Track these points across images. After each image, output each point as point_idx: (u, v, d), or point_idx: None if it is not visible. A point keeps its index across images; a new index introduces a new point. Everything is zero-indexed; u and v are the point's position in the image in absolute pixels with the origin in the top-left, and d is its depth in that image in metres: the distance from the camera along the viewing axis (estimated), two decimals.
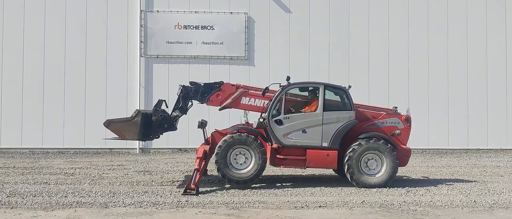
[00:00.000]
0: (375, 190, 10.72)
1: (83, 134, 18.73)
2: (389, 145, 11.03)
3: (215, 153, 10.94)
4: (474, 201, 9.77)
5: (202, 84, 11.65)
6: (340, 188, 10.97)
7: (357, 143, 10.98)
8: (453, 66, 20.01)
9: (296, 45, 19.62)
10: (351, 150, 10.93)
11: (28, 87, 18.82)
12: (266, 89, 11.48)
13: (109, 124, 11.31)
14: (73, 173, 13.19)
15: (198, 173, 10.50)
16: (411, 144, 11.85)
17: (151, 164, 15.09)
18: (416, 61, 19.92)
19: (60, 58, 18.95)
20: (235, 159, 10.94)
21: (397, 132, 11.45)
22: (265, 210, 8.90)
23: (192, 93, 11.57)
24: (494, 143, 19.97)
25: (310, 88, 11.73)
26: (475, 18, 20.11)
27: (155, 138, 11.95)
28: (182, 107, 11.61)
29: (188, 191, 10.22)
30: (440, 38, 20.00)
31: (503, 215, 8.76)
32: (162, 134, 11.83)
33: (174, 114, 11.59)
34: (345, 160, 10.93)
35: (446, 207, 9.31)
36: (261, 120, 11.23)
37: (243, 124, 11.64)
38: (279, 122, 11.08)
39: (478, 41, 20.09)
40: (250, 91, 11.67)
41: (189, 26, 19.32)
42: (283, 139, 11.05)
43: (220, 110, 11.79)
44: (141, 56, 19.16)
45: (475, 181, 12.25)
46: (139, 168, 14.26)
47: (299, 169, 12.20)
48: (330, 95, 11.46)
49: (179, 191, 10.43)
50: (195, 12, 19.33)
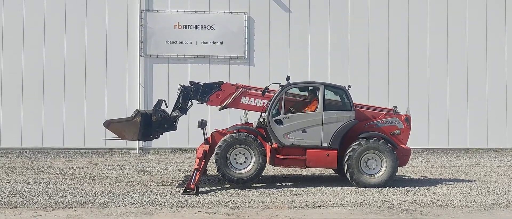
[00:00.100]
0: (375, 189, 10.72)
1: (83, 134, 18.74)
2: (389, 144, 11.03)
3: (215, 152, 10.94)
4: (474, 200, 9.77)
5: (202, 84, 11.65)
6: (340, 187, 10.97)
7: (357, 142, 10.97)
8: (453, 66, 20.02)
9: (296, 45, 19.62)
10: (351, 149, 10.93)
11: (28, 87, 18.83)
12: (266, 89, 11.47)
13: (109, 124, 11.31)
14: (73, 173, 13.19)
15: (198, 173, 10.49)
16: (411, 143, 11.84)
17: (151, 164, 15.09)
18: (416, 61, 19.92)
19: (60, 58, 18.96)
20: (235, 159, 10.93)
21: (397, 131, 11.45)
22: (265, 210, 8.89)
23: (192, 93, 11.56)
24: (494, 142, 19.98)
25: (310, 88, 11.72)
26: (475, 18, 20.12)
27: (155, 138, 11.94)
28: (182, 107, 11.60)
29: (188, 191, 10.21)
30: (440, 38, 20.01)
31: (503, 215, 8.76)
32: (162, 134, 11.82)
33: (174, 114, 11.59)
34: (345, 159, 10.92)
35: (446, 206, 9.31)
36: (261, 120, 11.23)
37: (243, 124, 11.62)
38: (279, 122, 11.07)
39: (478, 41, 20.10)
40: (250, 91, 11.66)
41: (189, 26, 19.32)
42: (283, 139, 11.05)
43: (220, 110, 11.78)
44: (141, 56, 19.17)
45: (475, 181, 12.25)
46: (139, 168, 14.25)
47: (299, 168, 12.21)
48: (330, 95, 11.45)
49: (179, 191, 10.43)
50: (195, 12, 19.33)
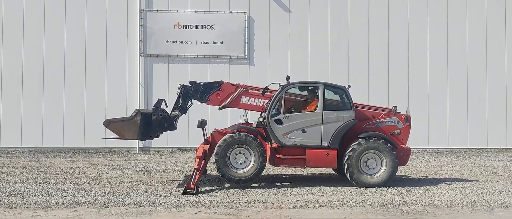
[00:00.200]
0: (374, 189, 10.72)
1: (82, 133, 18.75)
2: (388, 144, 11.02)
3: (214, 152, 10.94)
4: (474, 200, 9.77)
5: (201, 84, 11.64)
6: (340, 187, 10.97)
7: (356, 142, 10.97)
8: (452, 66, 20.02)
9: (296, 44, 19.62)
10: (350, 149, 10.93)
11: (28, 86, 18.83)
12: (266, 88, 11.46)
13: (108, 123, 11.31)
14: (72, 172, 13.19)
15: (198, 173, 10.49)
16: (410, 143, 11.84)
17: (150, 164, 15.09)
18: (416, 61, 19.93)
19: (60, 57, 18.96)
20: (234, 158, 10.93)
21: (396, 131, 11.45)
22: (264, 210, 8.89)
23: (192, 92, 11.55)
24: (493, 142, 19.98)
25: (310, 88, 11.71)
26: (475, 18, 20.12)
27: (154, 138, 11.93)
28: (181, 106, 11.59)
29: (188, 190, 10.21)
30: (440, 38, 20.01)
31: (502, 215, 8.76)
32: (161, 133, 11.82)
33: (173, 113, 11.58)
34: (345, 159, 10.92)
35: (446, 206, 9.31)
36: (261, 119, 11.23)
37: (242, 124, 11.62)
38: (279, 122, 11.07)
39: (478, 41, 20.10)
40: (249, 91, 11.65)
41: (188, 25, 19.32)
42: (282, 138, 11.05)
43: (219, 109, 11.78)
44: (141, 55, 19.17)
45: (474, 181, 12.25)
46: (139, 167, 14.25)
47: (298, 168, 12.22)
48: (330, 95, 11.45)
49: (178, 191, 10.43)
50: (195, 11, 19.33)
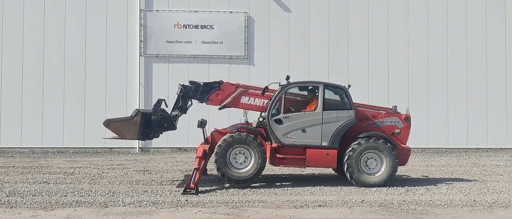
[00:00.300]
0: (374, 189, 10.72)
1: (82, 133, 18.74)
2: (388, 144, 11.03)
3: (214, 152, 10.94)
4: (474, 200, 9.77)
5: (201, 84, 11.64)
6: (340, 187, 10.97)
7: (356, 142, 10.97)
8: (452, 66, 20.02)
9: (295, 44, 19.62)
10: (350, 149, 10.93)
11: (28, 86, 18.82)
12: (266, 88, 11.46)
13: (108, 123, 11.31)
14: (72, 172, 13.19)
15: (198, 173, 10.49)
16: (410, 143, 11.85)
17: (150, 164, 15.09)
18: (416, 61, 19.93)
19: (60, 57, 18.95)
20: (234, 158, 10.93)
21: (396, 131, 11.45)
22: (264, 209, 8.90)
23: (192, 92, 11.55)
24: (493, 142, 19.98)
25: (310, 87, 11.71)
26: (475, 18, 20.12)
27: (154, 138, 11.93)
28: (181, 106, 11.59)
29: (188, 190, 10.21)
30: (440, 38, 20.01)
31: (502, 214, 8.77)
32: (161, 133, 11.82)
33: (173, 113, 11.58)
34: (345, 159, 10.92)
35: (446, 206, 9.31)
36: (261, 119, 11.23)
37: (242, 124, 11.62)
38: (279, 122, 11.07)
39: (478, 40, 20.10)
40: (249, 90, 11.65)
41: (188, 25, 19.32)
42: (282, 138, 11.05)
43: (219, 109, 11.78)
44: (140, 55, 19.16)
45: (474, 180, 12.25)
46: (139, 167, 14.25)
47: (298, 168, 12.22)
48: (330, 94, 11.45)
49: (178, 191, 10.43)
50: (195, 11, 19.33)
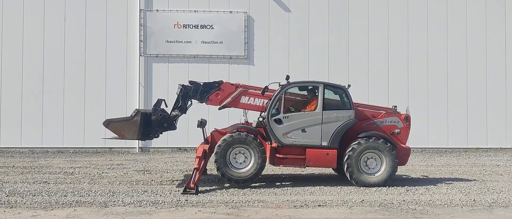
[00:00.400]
0: (374, 189, 10.72)
1: (82, 133, 18.74)
2: (388, 144, 11.03)
3: (214, 152, 10.94)
4: (474, 200, 9.77)
5: (201, 84, 11.64)
6: (340, 187, 10.97)
7: (356, 142, 10.97)
8: (452, 66, 20.02)
9: (295, 44, 19.61)
10: (350, 149, 10.93)
11: (28, 86, 18.81)
12: (266, 88, 11.46)
13: (108, 123, 11.31)
14: (72, 172, 13.19)
15: (198, 172, 10.49)
16: (410, 143, 11.85)
17: (150, 164, 15.09)
18: (416, 61, 19.92)
19: (60, 57, 18.95)
20: (234, 158, 10.94)
21: (396, 131, 11.46)
22: (264, 209, 8.90)
23: (192, 92, 11.55)
24: (493, 142, 19.99)
25: (310, 87, 11.71)
26: (475, 18, 20.12)
27: (154, 138, 11.93)
28: (181, 106, 11.59)
29: (188, 190, 10.21)
30: (440, 38, 20.01)
31: (502, 214, 8.77)
32: (161, 133, 11.82)
33: (173, 113, 11.59)
34: (345, 159, 10.92)
35: (446, 206, 9.31)
36: (261, 119, 11.22)
37: (242, 123, 11.62)
38: (279, 121, 11.07)
39: (478, 40, 20.10)
40: (249, 90, 11.65)
41: (188, 25, 19.32)
42: (282, 138, 11.05)
43: (219, 109, 11.78)
44: (140, 55, 19.16)
45: (474, 180, 12.25)
46: (139, 167, 14.25)
47: (298, 168, 12.22)
48: (330, 94, 11.45)
49: (178, 190, 10.43)
50: (195, 11, 19.33)
